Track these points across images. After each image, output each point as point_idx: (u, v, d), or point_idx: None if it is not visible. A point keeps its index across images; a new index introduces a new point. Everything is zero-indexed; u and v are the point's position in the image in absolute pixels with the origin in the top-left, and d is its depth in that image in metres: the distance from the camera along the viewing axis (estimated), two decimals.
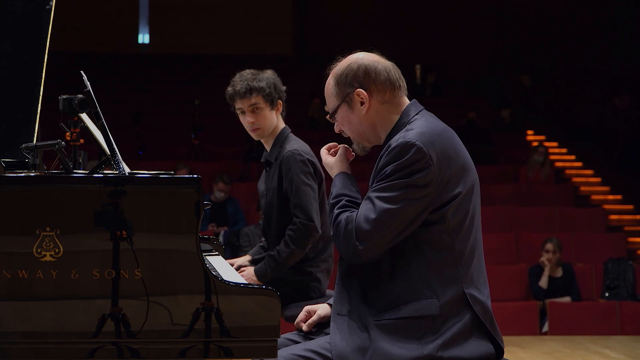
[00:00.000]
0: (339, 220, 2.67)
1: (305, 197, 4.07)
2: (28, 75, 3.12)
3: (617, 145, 14.01)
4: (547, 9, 17.58)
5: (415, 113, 2.76)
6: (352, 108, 2.78)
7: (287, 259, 4.08)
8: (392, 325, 2.62)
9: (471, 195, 2.70)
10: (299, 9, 19.08)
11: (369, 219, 2.60)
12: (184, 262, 2.50)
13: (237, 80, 4.22)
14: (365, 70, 2.76)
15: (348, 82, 2.76)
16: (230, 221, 9.70)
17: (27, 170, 2.93)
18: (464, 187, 2.66)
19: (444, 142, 2.66)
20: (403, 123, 2.74)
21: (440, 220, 2.63)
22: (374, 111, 2.77)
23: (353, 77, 2.76)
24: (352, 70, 2.76)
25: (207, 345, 2.50)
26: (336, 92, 2.79)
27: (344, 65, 2.79)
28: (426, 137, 2.63)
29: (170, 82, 15.90)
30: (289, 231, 4.08)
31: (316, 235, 4.09)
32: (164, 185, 2.55)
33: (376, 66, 2.77)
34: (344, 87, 2.77)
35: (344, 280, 2.75)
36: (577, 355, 7.80)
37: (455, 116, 13.78)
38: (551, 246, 9.06)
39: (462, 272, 2.65)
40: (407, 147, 2.61)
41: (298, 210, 4.07)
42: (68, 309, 2.47)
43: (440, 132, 2.70)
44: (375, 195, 2.63)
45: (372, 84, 2.75)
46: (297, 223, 4.06)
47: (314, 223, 4.06)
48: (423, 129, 2.67)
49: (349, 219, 2.65)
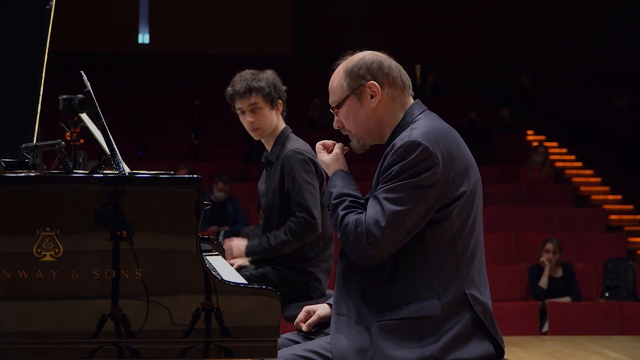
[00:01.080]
0: (347, 223, 2.66)
1: (308, 196, 4.07)
2: (28, 75, 3.12)
3: (617, 145, 14.01)
4: (547, 9, 17.58)
5: (419, 113, 2.77)
6: (362, 101, 2.78)
7: (280, 245, 4.09)
8: (393, 325, 2.62)
9: (474, 195, 2.70)
10: (299, 9, 19.08)
11: (379, 222, 2.59)
12: (184, 262, 2.50)
13: (237, 80, 4.22)
14: (380, 64, 2.77)
15: (361, 74, 2.77)
16: (230, 221, 9.70)
17: (27, 170, 2.93)
18: (468, 186, 2.66)
19: (448, 142, 2.66)
20: (407, 122, 2.74)
21: (445, 219, 2.63)
22: (383, 106, 2.77)
23: (367, 69, 2.77)
24: (366, 63, 2.77)
25: (207, 345, 2.50)
26: (347, 84, 2.78)
27: (357, 58, 2.80)
28: (431, 136, 2.64)
29: (170, 82, 15.90)
30: (289, 222, 4.09)
31: (316, 232, 4.10)
32: (164, 185, 2.54)
33: (390, 62, 2.80)
34: (356, 78, 2.77)
35: (344, 280, 2.74)
36: (577, 355, 7.80)
37: (455, 116, 13.78)
38: (551, 246, 9.06)
39: (463, 273, 2.65)
40: (413, 147, 2.61)
41: (301, 207, 4.07)
42: (68, 309, 2.47)
43: (445, 131, 2.70)
44: (383, 196, 2.62)
45: (385, 77, 2.77)
46: (299, 217, 4.07)
47: (316, 221, 4.07)
48: (428, 128, 2.67)
49: (357, 222, 2.64)
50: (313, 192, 4.10)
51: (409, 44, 17.02)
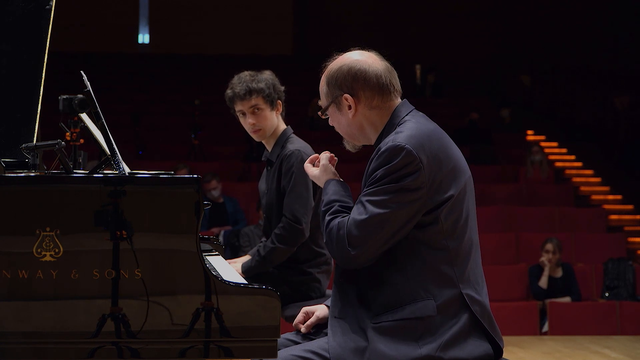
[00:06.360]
0: (331, 226, 2.67)
1: (299, 199, 4.07)
2: (28, 75, 3.12)
3: (617, 145, 14.01)
4: (547, 9, 17.58)
5: (406, 114, 2.74)
6: (340, 110, 2.78)
7: (270, 254, 4.10)
8: (389, 327, 2.61)
9: (464, 196, 2.69)
10: (299, 9, 19.08)
11: (360, 224, 2.59)
12: (184, 262, 2.50)
13: (236, 82, 4.22)
14: (355, 75, 2.74)
15: (337, 85, 2.75)
16: (230, 221, 9.70)
17: (27, 170, 2.93)
18: (456, 189, 2.65)
19: (433, 144, 2.65)
20: (393, 124, 2.73)
21: (434, 222, 2.63)
22: (361, 115, 2.76)
23: (342, 80, 2.74)
24: (342, 73, 2.75)
25: (207, 345, 2.50)
26: (326, 91, 2.79)
27: (335, 67, 2.78)
28: (416, 139, 2.62)
29: (170, 82, 15.90)
30: (276, 229, 4.10)
31: (303, 237, 4.10)
32: (164, 185, 2.55)
33: (366, 71, 2.74)
34: (333, 89, 2.77)
35: (341, 283, 2.74)
36: (577, 355, 7.80)
37: (455, 116, 13.80)
38: (551, 246, 9.06)
39: (458, 273, 2.65)
40: (396, 151, 2.60)
41: (288, 210, 4.08)
42: (68, 309, 2.47)
43: (430, 133, 2.68)
44: (366, 199, 2.62)
45: (360, 90, 2.74)
46: (284, 222, 4.08)
47: (301, 226, 4.06)
48: (413, 131, 2.65)
49: (340, 225, 2.64)
50: (305, 195, 4.09)
51: (409, 43, 17.03)
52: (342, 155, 3.10)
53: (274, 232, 4.11)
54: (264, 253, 4.12)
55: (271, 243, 4.11)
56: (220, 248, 3.82)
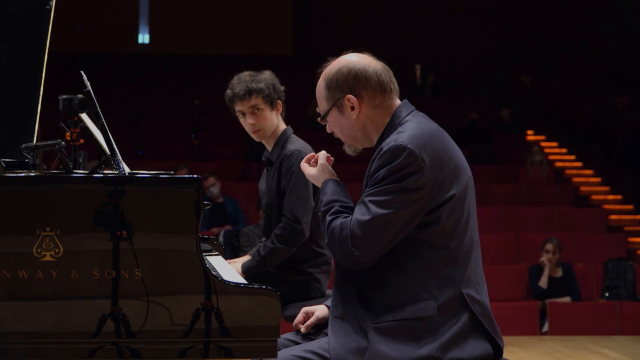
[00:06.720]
0: (333, 227, 2.66)
1: (299, 199, 4.07)
2: (28, 75, 3.12)
3: (617, 145, 14.01)
4: (548, 9, 17.58)
5: (407, 114, 2.74)
6: (343, 113, 2.77)
7: (270, 254, 4.10)
8: (390, 327, 2.61)
9: (465, 195, 2.69)
10: (299, 9, 19.08)
11: (364, 224, 2.59)
12: (184, 262, 2.50)
13: (236, 82, 4.21)
14: (356, 75, 2.73)
15: (338, 87, 2.74)
16: (230, 221, 9.70)
17: (27, 170, 2.93)
18: (457, 188, 2.65)
19: (435, 144, 2.65)
20: (394, 125, 2.73)
21: (435, 221, 2.63)
22: (364, 115, 2.76)
23: (343, 82, 2.74)
24: (343, 74, 2.74)
25: (207, 345, 2.50)
26: (326, 95, 2.78)
27: (334, 69, 2.77)
28: (418, 139, 2.62)
29: (170, 82, 15.90)
30: (276, 229, 4.10)
31: (303, 237, 4.10)
32: (164, 185, 2.55)
33: (366, 70, 2.74)
34: (334, 91, 2.75)
35: (341, 283, 2.74)
36: (577, 355, 7.80)
37: (455, 116, 13.79)
38: (551, 246, 9.06)
39: (459, 273, 2.65)
40: (399, 151, 2.60)
41: (288, 211, 4.08)
42: (68, 309, 2.47)
43: (432, 133, 2.68)
44: (368, 199, 2.62)
45: (362, 89, 2.74)
46: (284, 222, 4.08)
47: (302, 226, 4.06)
48: (414, 131, 2.65)
49: (343, 225, 2.64)
50: (305, 195, 4.09)
51: (409, 43, 17.03)
52: (341, 155, 3.10)
53: (274, 232, 4.11)
54: (264, 253, 4.12)
55: (271, 243, 4.11)
56: (220, 248, 3.82)
